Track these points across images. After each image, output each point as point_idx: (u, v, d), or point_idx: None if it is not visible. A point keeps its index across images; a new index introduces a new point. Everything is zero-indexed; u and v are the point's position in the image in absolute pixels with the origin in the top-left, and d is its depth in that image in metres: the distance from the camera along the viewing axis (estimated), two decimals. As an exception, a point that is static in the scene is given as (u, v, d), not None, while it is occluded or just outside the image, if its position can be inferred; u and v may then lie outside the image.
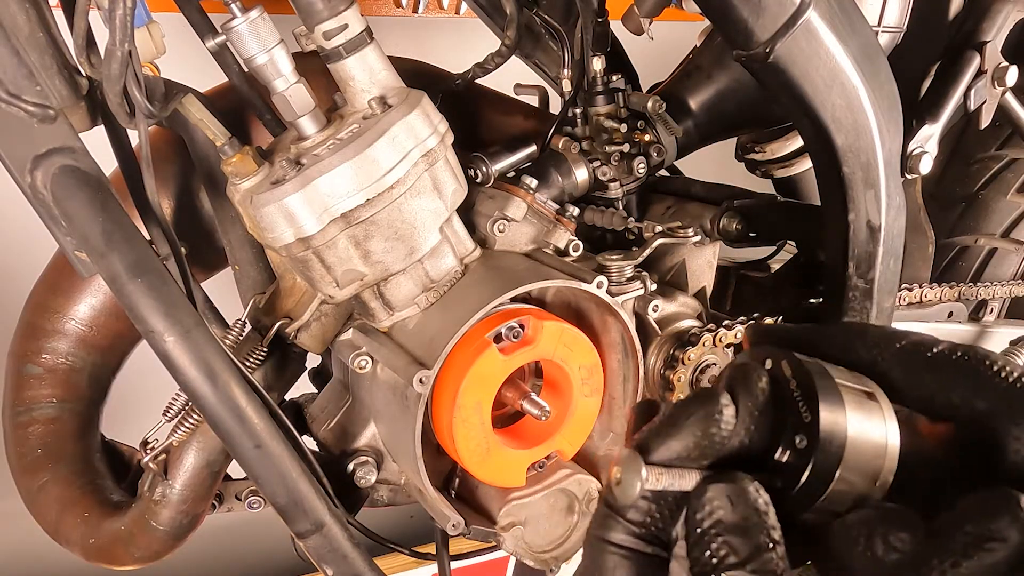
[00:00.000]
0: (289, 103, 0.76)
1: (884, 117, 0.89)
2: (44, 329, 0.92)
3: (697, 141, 1.13)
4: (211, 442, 0.89)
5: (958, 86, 1.07)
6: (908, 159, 1.01)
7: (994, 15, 1.08)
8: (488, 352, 0.79)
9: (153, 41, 1.26)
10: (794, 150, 1.23)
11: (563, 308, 0.92)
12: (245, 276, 0.93)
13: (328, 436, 0.93)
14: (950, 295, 1.27)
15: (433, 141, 0.78)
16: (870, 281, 0.97)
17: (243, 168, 0.77)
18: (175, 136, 0.89)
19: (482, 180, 0.99)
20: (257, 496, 1.01)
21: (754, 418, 0.37)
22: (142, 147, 0.75)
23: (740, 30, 0.80)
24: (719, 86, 1.10)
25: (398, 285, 0.83)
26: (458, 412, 0.79)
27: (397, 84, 0.81)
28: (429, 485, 0.83)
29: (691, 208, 1.13)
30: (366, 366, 0.84)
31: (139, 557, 0.95)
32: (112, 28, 0.63)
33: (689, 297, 1.03)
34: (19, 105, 0.67)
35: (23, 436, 0.94)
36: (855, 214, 0.93)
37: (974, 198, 1.44)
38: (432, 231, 0.81)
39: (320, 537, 0.76)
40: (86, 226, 0.69)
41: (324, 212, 0.74)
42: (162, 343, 0.68)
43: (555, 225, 0.95)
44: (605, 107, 1.07)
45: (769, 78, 0.84)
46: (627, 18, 1.24)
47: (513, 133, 1.13)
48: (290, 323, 0.89)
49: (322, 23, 0.75)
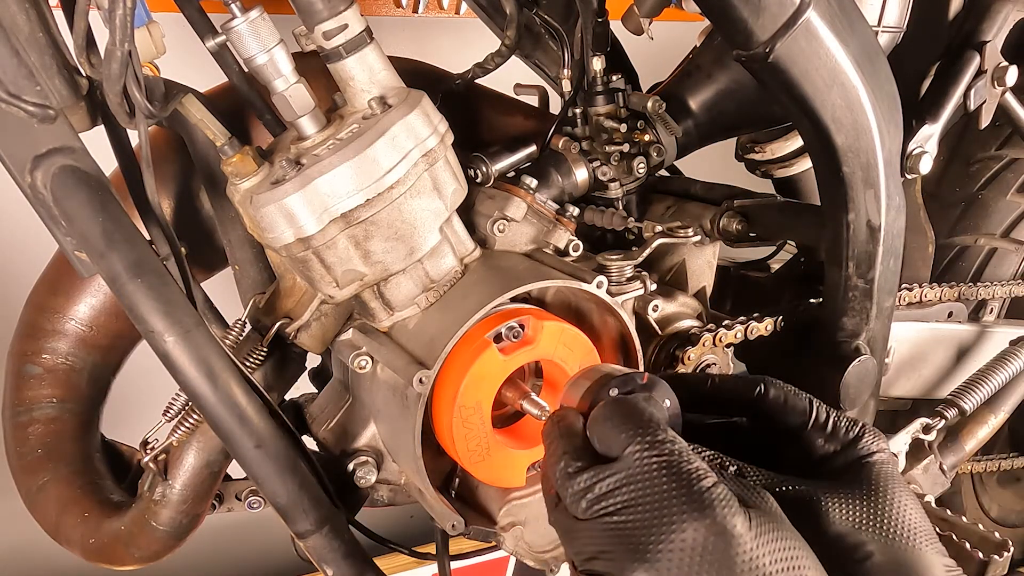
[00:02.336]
0: (289, 103, 0.76)
1: (884, 117, 0.89)
2: (44, 329, 0.92)
3: (697, 141, 1.13)
4: (211, 442, 0.89)
5: (958, 86, 1.07)
6: (908, 159, 1.01)
7: (994, 15, 1.08)
8: (488, 352, 0.79)
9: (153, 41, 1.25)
10: (794, 150, 1.23)
11: (563, 308, 0.92)
12: (245, 276, 0.94)
13: (328, 436, 0.93)
14: (950, 295, 1.27)
15: (433, 141, 0.78)
16: (870, 281, 0.97)
17: (243, 168, 0.77)
18: (175, 136, 0.89)
19: (482, 180, 0.99)
20: (257, 496, 1.02)
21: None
22: (142, 147, 0.75)
23: (740, 30, 0.80)
24: (719, 86, 1.10)
25: (398, 285, 0.83)
26: (458, 412, 0.79)
27: (397, 84, 0.81)
28: (429, 485, 0.83)
29: (691, 208, 1.13)
30: (366, 366, 0.84)
31: (139, 557, 0.95)
32: (112, 28, 0.63)
33: (689, 297, 1.03)
34: (19, 105, 0.67)
35: (23, 436, 0.94)
36: (855, 214, 0.93)
37: (974, 198, 1.44)
38: (432, 231, 0.81)
39: (320, 537, 0.76)
40: (86, 226, 0.69)
41: (324, 212, 0.74)
42: (162, 343, 0.68)
43: (555, 225, 0.95)
44: (605, 107, 1.07)
45: (769, 78, 0.84)
46: (627, 18, 1.24)
47: (513, 133, 1.13)
48: (290, 323, 0.89)
49: (322, 23, 0.75)
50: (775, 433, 0.60)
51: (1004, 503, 1.70)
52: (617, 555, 0.48)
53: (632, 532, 0.48)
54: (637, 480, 0.50)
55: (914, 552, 0.53)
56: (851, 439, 0.58)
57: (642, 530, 0.48)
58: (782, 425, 0.60)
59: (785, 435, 0.60)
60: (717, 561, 0.46)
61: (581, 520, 0.51)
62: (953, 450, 1.23)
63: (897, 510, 0.54)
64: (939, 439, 1.22)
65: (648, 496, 0.49)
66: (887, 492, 0.54)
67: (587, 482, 0.51)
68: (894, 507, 0.54)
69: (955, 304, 1.29)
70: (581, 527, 0.51)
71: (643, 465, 0.50)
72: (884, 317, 1.02)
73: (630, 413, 0.54)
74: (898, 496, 0.55)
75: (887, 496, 0.54)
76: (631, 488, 0.49)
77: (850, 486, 0.55)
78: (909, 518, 0.54)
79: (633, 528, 0.48)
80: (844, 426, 0.58)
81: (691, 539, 0.47)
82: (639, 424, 0.52)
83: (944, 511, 1.09)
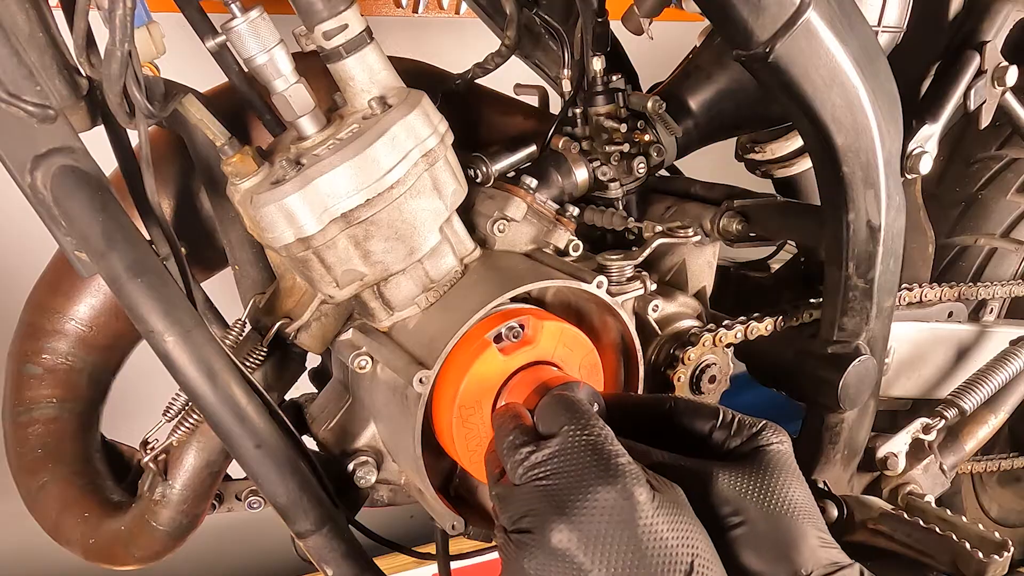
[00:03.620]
0: (289, 103, 0.76)
1: (884, 117, 0.89)
2: (44, 329, 0.92)
3: (697, 141, 1.13)
4: (211, 442, 0.89)
5: (958, 86, 1.07)
6: (908, 159, 1.01)
7: (994, 15, 1.08)
8: (488, 352, 0.79)
9: (153, 41, 1.26)
10: (794, 150, 1.23)
11: (563, 308, 0.92)
12: (245, 276, 0.94)
13: (328, 436, 0.93)
14: (950, 295, 1.27)
15: (433, 141, 0.78)
16: (870, 281, 0.97)
17: (243, 168, 0.77)
18: (175, 136, 0.89)
19: (482, 180, 0.99)
20: (257, 496, 1.02)
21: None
22: (142, 147, 0.75)
23: (740, 30, 0.80)
24: (719, 86, 1.09)
25: (398, 285, 0.83)
26: (458, 412, 0.79)
27: (397, 84, 0.81)
28: (429, 485, 0.83)
29: (691, 208, 1.12)
30: (366, 366, 0.84)
31: (139, 557, 0.95)
32: (112, 28, 0.63)
33: (689, 297, 1.03)
34: (19, 105, 0.67)
35: (23, 436, 0.94)
36: (855, 214, 0.93)
37: (974, 198, 1.44)
38: (432, 231, 0.81)
39: (320, 537, 0.76)
40: (86, 226, 0.69)
41: (324, 212, 0.74)
42: (162, 343, 0.68)
43: (555, 225, 0.95)
44: (605, 107, 1.07)
45: (769, 78, 0.84)
46: (627, 18, 1.24)
47: (513, 133, 1.13)
48: (290, 323, 0.89)
49: (322, 23, 0.75)
50: (690, 437, 0.70)
51: (1004, 503, 1.70)
52: (543, 511, 0.59)
53: (557, 493, 0.59)
54: (568, 452, 0.61)
55: (791, 522, 0.63)
56: (753, 433, 0.68)
57: (566, 492, 0.59)
58: (694, 429, 0.70)
59: (698, 438, 0.70)
60: (623, 521, 0.57)
61: (517, 486, 0.62)
62: (953, 450, 1.23)
63: (781, 486, 0.64)
64: (939, 439, 1.22)
65: (574, 465, 0.60)
66: (775, 471, 0.65)
67: (527, 452, 0.63)
68: (778, 484, 0.64)
69: (955, 304, 1.29)
70: (516, 492, 0.62)
71: (574, 441, 0.62)
72: (884, 317, 1.02)
73: (570, 403, 0.66)
74: (784, 476, 0.65)
75: (774, 475, 0.65)
76: (561, 459, 0.61)
77: (743, 465, 0.66)
78: (792, 495, 0.64)
79: (558, 490, 0.59)
80: (748, 423, 0.69)
81: (603, 500, 0.58)
82: (576, 412, 0.65)
83: (944, 511, 1.08)
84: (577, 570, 0.57)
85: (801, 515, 0.63)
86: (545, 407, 0.68)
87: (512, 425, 0.67)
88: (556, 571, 0.57)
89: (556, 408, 0.66)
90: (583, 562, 0.56)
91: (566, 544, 0.57)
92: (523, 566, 0.58)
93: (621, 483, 0.58)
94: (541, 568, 0.58)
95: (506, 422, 0.68)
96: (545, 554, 0.58)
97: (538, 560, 0.58)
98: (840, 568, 0.62)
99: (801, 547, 0.62)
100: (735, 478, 0.64)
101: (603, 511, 0.57)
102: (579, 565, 0.56)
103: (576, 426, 0.63)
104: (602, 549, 0.57)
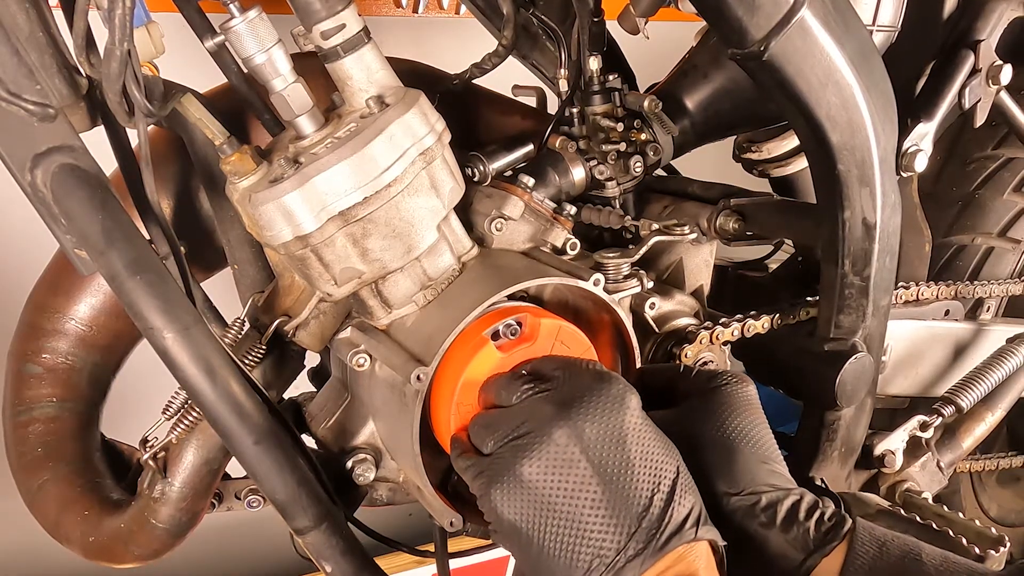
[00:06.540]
0: (287, 102, 0.77)
1: (879, 115, 0.89)
2: (44, 329, 0.93)
3: (694, 140, 1.13)
4: (210, 440, 0.90)
5: (953, 84, 1.07)
6: (903, 157, 1.02)
7: (988, 14, 1.08)
8: (486, 349, 0.80)
9: (152, 41, 1.26)
10: (790, 149, 1.23)
11: (560, 306, 0.93)
12: (244, 275, 0.94)
13: (327, 434, 0.93)
14: (947, 293, 1.28)
15: (430, 140, 0.78)
16: (866, 278, 0.98)
17: (242, 167, 0.77)
18: (175, 136, 0.89)
19: (479, 179, 0.99)
20: (256, 495, 1.02)
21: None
22: (141, 146, 0.76)
23: (735, 29, 0.81)
24: (715, 85, 1.10)
25: (396, 283, 0.83)
26: (456, 409, 0.80)
27: (395, 83, 0.81)
28: (427, 482, 0.83)
29: (688, 207, 1.13)
30: (364, 364, 0.85)
31: (139, 555, 0.96)
32: (111, 28, 0.64)
33: (686, 295, 1.03)
34: (19, 104, 0.67)
35: (23, 435, 0.94)
36: (850, 211, 0.93)
37: (971, 197, 1.45)
38: (430, 229, 0.81)
39: (319, 533, 0.76)
40: (85, 224, 0.69)
41: (322, 210, 0.74)
42: (161, 340, 0.68)
43: (552, 224, 0.95)
44: (602, 106, 1.07)
45: (764, 77, 0.85)
46: (623, 18, 1.24)
47: (510, 133, 1.14)
48: (289, 321, 0.89)
49: (320, 23, 0.75)
50: (660, 396, 0.80)
51: (1003, 502, 1.70)
52: (545, 414, 0.66)
53: (559, 398, 0.68)
54: (570, 373, 0.72)
55: (731, 444, 0.73)
56: (711, 376, 0.80)
57: (568, 396, 0.68)
58: (662, 387, 0.82)
59: (667, 396, 0.81)
60: (616, 411, 0.67)
61: (512, 406, 0.72)
62: (950, 448, 1.23)
63: (727, 416, 0.75)
64: (936, 437, 1.22)
65: (576, 380, 0.70)
66: (725, 406, 0.76)
67: (527, 379, 0.74)
68: (725, 414, 0.75)
69: (952, 302, 1.29)
70: (511, 410, 0.71)
71: (575, 366, 0.74)
72: (880, 315, 1.02)
73: (566, 357, 0.80)
74: (732, 409, 0.76)
75: (724, 408, 0.76)
76: (563, 377, 0.71)
77: (703, 398, 0.78)
78: (736, 424, 0.74)
79: (561, 396, 0.68)
80: (707, 373, 0.81)
81: (603, 398, 0.67)
82: (572, 359, 0.79)
83: (940, 507, 1.09)
84: (574, 466, 0.63)
85: (742, 440, 0.73)
86: (544, 358, 0.78)
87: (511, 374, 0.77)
88: (556, 468, 0.63)
89: (555, 358, 0.78)
90: (580, 459, 0.63)
91: (565, 440, 0.64)
92: (521, 471, 0.64)
93: (616, 386, 0.68)
94: (542, 466, 0.63)
95: (504, 373, 0.78)
96: (548, 451, 0.64)
97: (539, 459, 0.64)
98: (777, 490, 0.70)
99: (736, 467, 0.71)
100: (694, 407, 0.77)
101: (602, 408, 0.66)
102: (576, 461, 0.63)
103: (575, 360, 0.76)
104: (599, 445, 0.64)
